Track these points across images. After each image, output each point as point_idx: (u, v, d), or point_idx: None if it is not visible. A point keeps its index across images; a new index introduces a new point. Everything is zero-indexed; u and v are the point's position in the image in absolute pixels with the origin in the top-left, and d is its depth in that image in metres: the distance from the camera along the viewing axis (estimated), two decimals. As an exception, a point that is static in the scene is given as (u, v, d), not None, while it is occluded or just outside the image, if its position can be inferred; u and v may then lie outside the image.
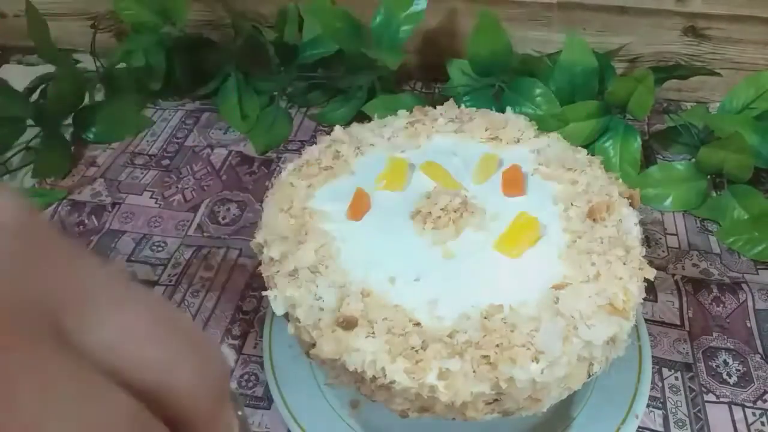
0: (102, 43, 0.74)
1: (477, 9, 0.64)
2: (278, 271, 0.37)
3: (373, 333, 0.33)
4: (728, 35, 0.67)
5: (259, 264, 0.39)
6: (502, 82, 0.65)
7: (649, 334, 0.46)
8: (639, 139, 0.61)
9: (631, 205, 0.40)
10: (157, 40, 0.70)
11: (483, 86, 0.65)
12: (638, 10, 0.67)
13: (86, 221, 0.60)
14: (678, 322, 0.49)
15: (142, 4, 0.70)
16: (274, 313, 0.45)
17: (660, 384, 0.45)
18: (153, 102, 0.74)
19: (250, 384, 0.46)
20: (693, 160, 0.61)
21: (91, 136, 0.69)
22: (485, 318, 0.34)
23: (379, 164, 0.44)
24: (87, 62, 0.72)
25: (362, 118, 0.57)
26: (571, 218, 0.39)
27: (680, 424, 0.43)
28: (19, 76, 0.69)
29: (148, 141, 0.69)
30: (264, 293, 0.37)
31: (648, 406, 0.43)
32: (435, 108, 0.48)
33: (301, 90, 0.73)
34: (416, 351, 0.32)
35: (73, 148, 0.68)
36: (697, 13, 0.66)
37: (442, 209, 0.40)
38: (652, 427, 0.43)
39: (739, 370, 0.46)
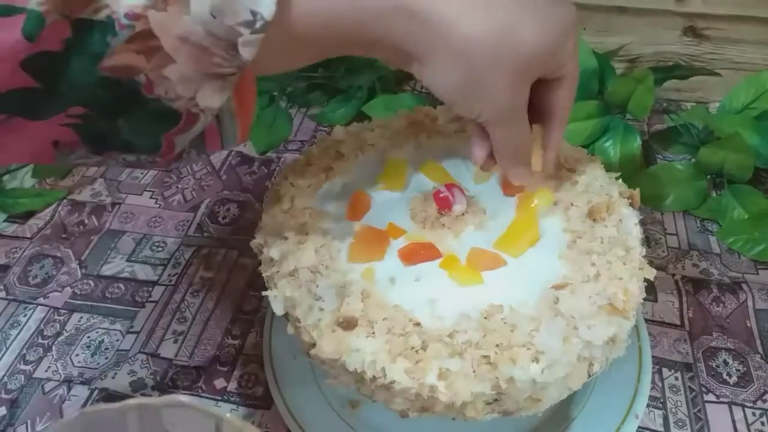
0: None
1: (477, 9, 0.64)
2: (278, 271, 0.37)
3: (373, 333, 0.33)
4: (728, 35, 0.67)
5: (259, 264, 0.39)
6: (502, 82, 0.65)
7: (649, 334, 0.46)
8: (639, 139, 0.61)
9: (631, 205, 0.40)
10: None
11: (483, 86, 0.65)
12: (638, 10, 0.67)
13: (86, 221, 0.60)
14: (678, 322, 0.49)
15: (142, 4, 0.70)
16: (274, 313, 0.45)
17: (660, 384, 0.45)
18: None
19: (250, 384, 0.46)
20: (693, 160, 0.61)
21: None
22: (485, 318, 0.34)
23: (379, 164, 0.44)
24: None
25: (362, 118, 0.57)
26: (571, 218, 0.39)
27: (680, 424, 0.43)
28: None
29: (148, 141, 0.69)
30: (264, 293, 0.37)
31: (648, 406, 0.43)
32: (435, 108, 0.48)
33: (301, 90, 0.73)
34: (416, 351, 0.32)
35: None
36: (696, 14, 0.66)
37: (442, 209, 0.40)
38: (652, 427, 0.43)
39: (739, 370, 0.46)
